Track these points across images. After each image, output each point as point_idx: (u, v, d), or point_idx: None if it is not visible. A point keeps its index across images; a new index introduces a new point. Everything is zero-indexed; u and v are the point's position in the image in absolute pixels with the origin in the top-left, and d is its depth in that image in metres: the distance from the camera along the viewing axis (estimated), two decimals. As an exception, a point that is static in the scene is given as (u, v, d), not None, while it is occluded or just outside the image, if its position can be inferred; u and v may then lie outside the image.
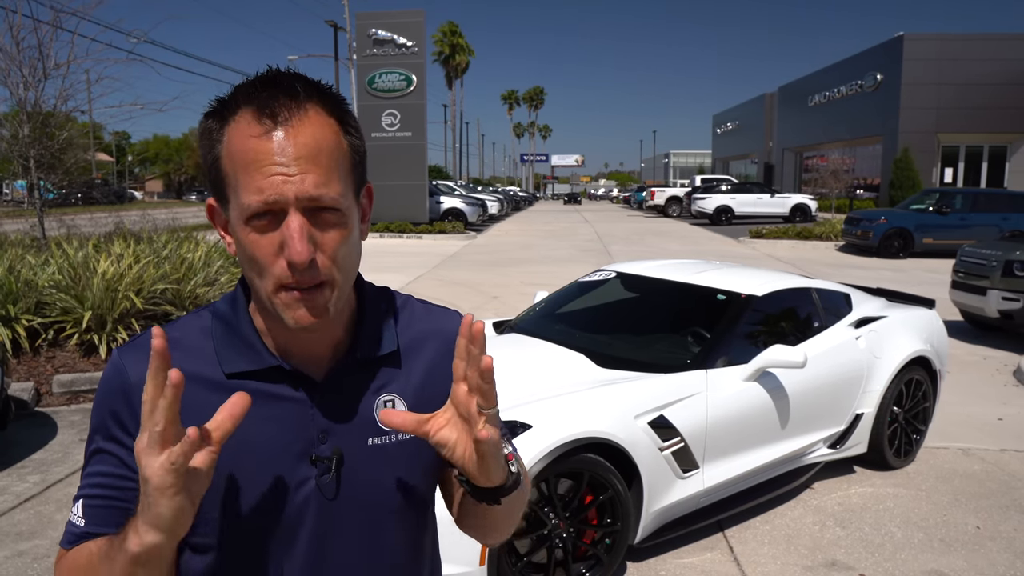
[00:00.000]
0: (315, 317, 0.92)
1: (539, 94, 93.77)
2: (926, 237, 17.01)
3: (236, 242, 0.93)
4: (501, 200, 34.31)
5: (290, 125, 0.87)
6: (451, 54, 57.27)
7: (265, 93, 0.89)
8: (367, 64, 23.20)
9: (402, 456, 1.04)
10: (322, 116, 0.91)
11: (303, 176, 0.87)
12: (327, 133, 0.90)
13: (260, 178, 0.86)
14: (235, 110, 0.90)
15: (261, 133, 0.87)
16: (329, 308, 0.93)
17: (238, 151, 0.88)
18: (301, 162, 0.87)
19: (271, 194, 0.86)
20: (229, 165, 0.90)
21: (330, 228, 0.91)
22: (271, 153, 0.86)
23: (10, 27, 8.01)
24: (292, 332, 0.97)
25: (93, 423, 1.00)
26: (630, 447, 3.20)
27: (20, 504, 4.05)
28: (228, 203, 0.92)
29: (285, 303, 0.91)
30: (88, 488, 0.98)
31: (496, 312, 9.40)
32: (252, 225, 0.89)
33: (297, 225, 0.87)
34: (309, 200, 0.88)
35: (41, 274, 6.72)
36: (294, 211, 0.87)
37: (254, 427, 0.96)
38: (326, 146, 0.90)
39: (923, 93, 30.76)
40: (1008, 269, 8.14)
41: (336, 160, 0.91)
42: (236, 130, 0.89)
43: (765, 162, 49.34)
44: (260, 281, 0.91)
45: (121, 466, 0.97)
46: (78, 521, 0.97)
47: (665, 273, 4.65)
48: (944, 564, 3.57)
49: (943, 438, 5.24)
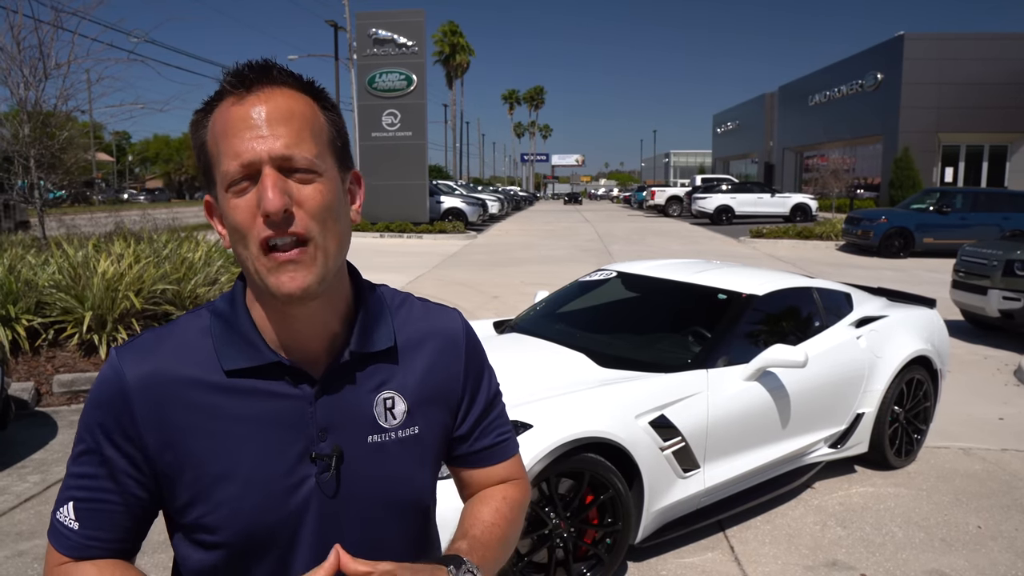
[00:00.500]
0: (300, 278, 0.91)
1: (539, 94, 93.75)
2: (927, 237, 16.99)
3: (225, 221, 0.94)
4: (501, 200, 34.31)
5: (263, 94, 0.91)
6: (451, 54, 57.29)
7: (243, 74, 0.93)
8: (367, 64, 23.19)
9: (402, 454, 1.04)
10: (295, 92, 0.94)
11: (275, 135, 0.90)
12: (301, 104, 0.94)
13: (238, 143, 0.90)
14: (218, 98, 0.94)
15: (236, 103, 0.91)
16: (314, 270, 0.92)
17: (219, 126, 0.92)
18: (273, 124, 0.90)
19: (246, 155, 0.89)
20: (212, 144, 0.93)
21: (307, 184, 0.92)
22: (247, 118, 0.90)
23: (11, 27, 8.02)
24: (288, 319, 0.97)
25: (86, 421, 0.99)
26: (631, 447, 3.20)
27: (20, 504, 4.05)
28: (216, 185, 0.94)
29: (268, 267, 0.91)
30: (78, 490, 0.97)
31: (496, 312, 9.40)
32: (232, 191, 0.91)
33: (271, 178, 0.89)
34: (283, 159, 0.90)
35: (41, 274, 6.72)
36: (268, 167, 0.89)
37: (254, 424, 0.97)
38: (299, 112, 0.93)
39: (923, 92, 30.75)
40: (1009, 269, 8.14)
41: (310, 125, 0.93)
42: (218, 112, 0.93)
43: (765, 162, 49.33)
44: (246, 250, 0.92)
45: (115, 470, 0.96)
46: (70, 524, 0.97)
47: (666, 273, 4.64)
48: (945, 564, 3.56)
49: (944, 438, 5.23)
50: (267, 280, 0.91)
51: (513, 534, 1.15)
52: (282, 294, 0.91)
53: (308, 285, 0.92)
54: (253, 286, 0.98)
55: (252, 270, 0.93)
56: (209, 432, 0.96)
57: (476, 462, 1.16)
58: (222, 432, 0.96)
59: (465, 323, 1.16)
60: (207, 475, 0.96)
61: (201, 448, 0.96)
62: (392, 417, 1.03)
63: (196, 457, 0.96)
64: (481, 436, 1.15)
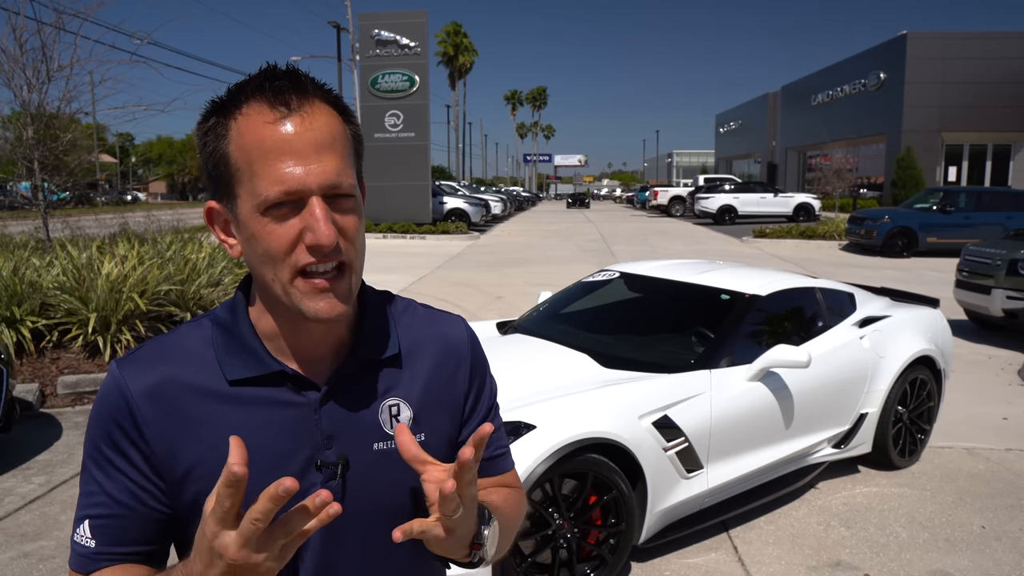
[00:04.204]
0: (339, 303, 0.92)
1: (542, 94, 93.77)
2: (930, 236, 16.96)
3: (246, 237, 0.92)
4: (504, 200, 34.31)
5: (304, 113, 0.88)
6: (454, 55, 57.35)
7: (275, 84, 0.89)
8: (370, 65, 23.21)
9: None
10: (327, 107, 0.92)
11: (323, 165, 0.88)
12: (335, 122, 0.92)
13: (280, 166, 0.87)
14: (241, 103, 0.90)
15: (276, 119, 0.87)
16: (350, 295, 0.94)
17: (252, 141, 0.88)
18: (320, 150, 0.88)
19: (293, 184, 0.87)
20: (241, 156, 0.89)
21: (348, 213, 0.92)
22: (290, 142, 0.87)
23: (13, 29, 8.04)
24: (300, 330, 0.97)
25: (91, 436, 0.98)
26: (634, 447, 3.20)
27: (25, 505, 4.06)
28: (236, 199, 0.91)
29: (303, 292, 0.91)
30: (92, 507, 0.97)
31: (500, 312, 9.39)
32: (270, 215, 0.89)
33: (322, 211, 0.88)
34: (331, 188, 0.89)
35: (45, 276, 6.74)
36: (316, 198, 0.88)
37: (259, 433, 0.96)
38: (339, 134, 0.91)
39: (927, 92, 30.68)
40: (1013, 268, 8.12)
41: (347, 148, 0.93)
42: (247, 122, 0.89)
43: (768, 161, 49.26)
44: (275, 272, 0.91)
45: (124, 482, 0.96)
46: (87, 543, 0.97)
47: (669, 273, 4.64)
48: (949, 564, 3.56)
49: (948, 438, 5.22)
50: (302, 305, 0.91)
51: (516, 525, 1.14)
52: (320, 319, 0.92)
53: (345, 308, 0.93)
54: (272, 302, 0.97)
55: (281, 292, 0.92)
56: (213, 442, 0.95)
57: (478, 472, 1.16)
58: (227, 441, 0.96)
59: (469, 330, 1.15)
60: (212, 484, 0.96)
61: (206, 458, 0.95)
62: (398, 424, 1.03)
63: (201, 467, 0.95)
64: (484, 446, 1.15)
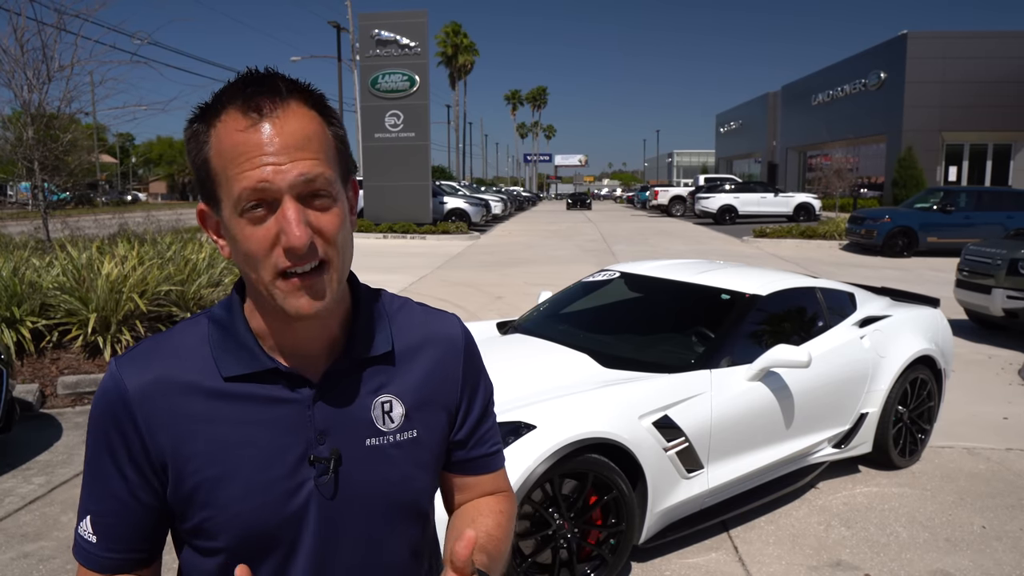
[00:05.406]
0: (317, 301, 0.92)
1: (542, 94, 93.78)
2: (930, 236, 16.96)
3: (230, 240, 0.94)
4: (504, 200, 34.32)
5: (275, 117, 0.89)
6: (455, 54, 57.37)
7: (248, 90, 0.90)
8: (370, 65, 23.21)
9: (399, 457, 1.05)
10: (304, 108, 0.92)
11: (293, 164, 0.88)
12: (311, 123, 0.92)
13: (250, 168, 0.88)
14: (220, 110, 0.91)
15: (248, 126, 0.89)
16: (328, 292, 0.94)
17: (227, 147, 0.89)
18: (290, 150, 0.89)
19: (261, 182, 0.87)
20: (218, 163, 0.91)
21: (325, 212, 0.92)
22: (260, 144, 0.88)
23: (14, 29, 8.04)
24: (290, 328, 0.99)
25: (92, 433, 1.00)
26: (634, 447, 3.20)
27: (25, 506, 4.06)
28: (220, 203, 0.93)
29: (285, 291, 0.92)
30: (94, 503, 1.00)
31: (500, 312, 9.39)
32: (247, 217, 0.90)
33: (293, 211, 0.88)
34: (303, 185, 0.89)
35: (45, 276, 6.74)
36: (288, 198, 0.89)
37: (253, 429, 0.98)
38: (312, 133, 0.91)
39: (927, 91, 30.68)
40: (1013, 268, 8.12)
41: (323, 146, 0.92)
42: (223, 128, 0.90)
43: (769, 161, 49.27)
44: (257, 273, 0.92)
45: (124, 479, 0.98)
46: (89, 537, 0.99)
47: (669, 273, 4.64)
48: (950, 564, 3.56)
49: (948, 437, 5.22)
50: (283, 303, 0.92)
51: (509, 542, 1.17)
52: (300, 316, 0.93)
53: (325, 306, 0.94)
54: (260, 301, 0.98)
55: (264, 292, 0.93)
56: (209, 437, 0.97)
57: (471, 469, 1.17)
58: (222, 437, 0.97)
59: (464, 328, 1.16)
60: (208, 479, 0.97)
61: (202, 453, 0.96)
62: (390, 420, 1.04)
63: (197, 462, 0.97)
64: (478, 444, 1.16)
